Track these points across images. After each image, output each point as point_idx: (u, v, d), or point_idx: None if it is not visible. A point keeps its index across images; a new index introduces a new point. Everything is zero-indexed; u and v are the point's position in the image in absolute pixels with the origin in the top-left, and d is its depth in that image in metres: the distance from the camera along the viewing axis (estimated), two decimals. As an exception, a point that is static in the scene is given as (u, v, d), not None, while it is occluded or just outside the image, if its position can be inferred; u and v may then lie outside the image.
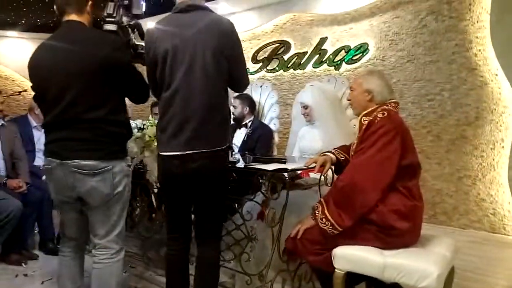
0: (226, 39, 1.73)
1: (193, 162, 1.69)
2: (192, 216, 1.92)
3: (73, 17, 1.77)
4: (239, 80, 1.85)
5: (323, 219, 1.85)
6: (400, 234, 1.83)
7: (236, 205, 2.34)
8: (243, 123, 3.38)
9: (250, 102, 3.41)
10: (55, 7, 1.80)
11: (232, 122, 3.40)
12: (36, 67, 1.76)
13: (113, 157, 1.74)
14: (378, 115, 1.90)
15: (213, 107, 1.72)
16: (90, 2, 1.80)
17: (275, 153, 3.50)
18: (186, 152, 1.69)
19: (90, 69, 1.66)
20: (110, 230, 1.79)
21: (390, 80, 2.12)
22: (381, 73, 2.08)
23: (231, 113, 3.37)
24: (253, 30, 5.50)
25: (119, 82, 1.74)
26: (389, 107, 1.94)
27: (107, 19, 1.92)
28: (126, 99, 1.87)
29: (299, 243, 1.93)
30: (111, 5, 1.94)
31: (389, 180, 1.82)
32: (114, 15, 1.93)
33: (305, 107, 2.99)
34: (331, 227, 1.83)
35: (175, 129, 1.71)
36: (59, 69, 1.67)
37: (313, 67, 5.00)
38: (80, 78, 1.66)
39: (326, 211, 1.85)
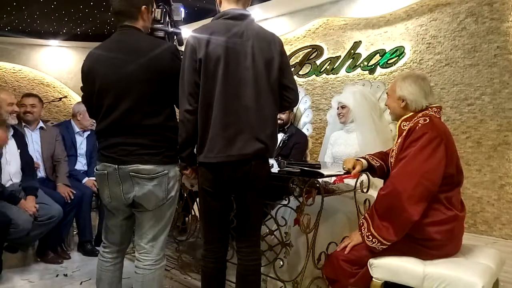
0: (278, 50, 1.75)
1: (244, 167, 1.70)
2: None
3: (127, 22, 1.77)
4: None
5: (370, 236, 1.78)
6: (439, 246, 1.76)
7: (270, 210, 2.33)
8: (281, 128, 3.35)
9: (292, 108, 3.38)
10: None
11: None
12: (92, 73, 1.73)
13: (168, 162, 1.76)
14: (420, 121, 1.80)
15: (266, 116, 1.73)
16: (143, 8, 1.76)
17: (308, 158, 3.47)
18: (239, 158, 1.69)
19: (152, 77, 1.69)
20: (158, 234, 1.80)
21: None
22: (417, 77, 1.92)
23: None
24: (285, 36, 5.48)
25: (174, 89, 1.76)
26: (431, 112, 1.84)
27: (155, 25, 1.94)
28: None
29: (338, 269, 1.87)
30: (158, 11, 1.96)
31: (434, 192, 1.73)
32: (162, 21, 1.96)
33: (343, 106, 2.91)
34: (379, 244, 1.76)
35: (230, 137, 1.68)
36: (118, 76, 1.68)
37: (346, 72, 4.93)
38: (141, 85, 1.68)
39: (371, 228, 1.78)
